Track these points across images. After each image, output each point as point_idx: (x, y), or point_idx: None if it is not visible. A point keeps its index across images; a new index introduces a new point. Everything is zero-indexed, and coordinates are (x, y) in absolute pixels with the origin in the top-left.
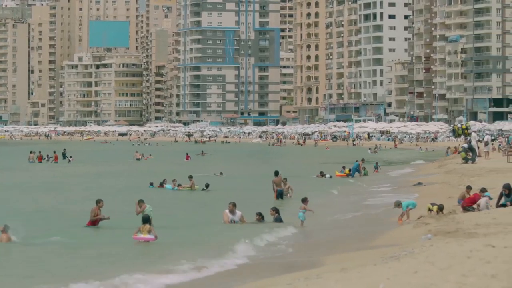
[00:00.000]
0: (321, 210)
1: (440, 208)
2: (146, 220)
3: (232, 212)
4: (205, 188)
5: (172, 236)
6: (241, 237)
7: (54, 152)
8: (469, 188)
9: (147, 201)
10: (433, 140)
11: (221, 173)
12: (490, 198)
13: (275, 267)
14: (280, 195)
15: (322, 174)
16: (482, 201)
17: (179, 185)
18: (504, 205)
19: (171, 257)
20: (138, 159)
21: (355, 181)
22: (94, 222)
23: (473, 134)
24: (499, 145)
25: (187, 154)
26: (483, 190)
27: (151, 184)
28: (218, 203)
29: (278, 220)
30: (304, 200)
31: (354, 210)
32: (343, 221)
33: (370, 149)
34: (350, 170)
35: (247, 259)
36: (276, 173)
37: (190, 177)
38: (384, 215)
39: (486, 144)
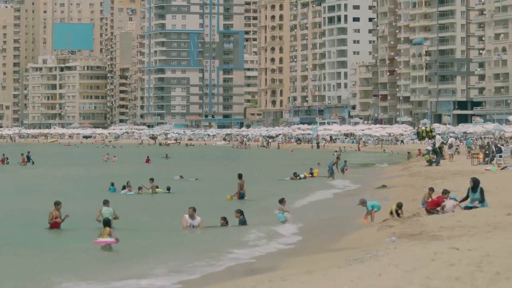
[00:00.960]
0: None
1: (399, 206)
2: (106, 223)
3: (191, 217)
4: (167, 191)
5: (130, 241)
6: (203, 242)
7: (22, 154)
8: (431, 190)
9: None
10: (401, 142)
11: (181, 176)
12: (456, 200)
13: (239, 270)
14: (242, 197)
15: (295, 175)
16: (449, 204)
17: (139, 188)
18: (469, 207)
19: (125, 263)
20: (105, 161)
21: (319, 182)
22: (55, 225)
23: (438, 137)
24: (456, 148)
25: (147, 157)
26: (445, 192)
27: (112, 185)
28: (179, 207)
29: (242, 222)
30: (282, 201)
31: (318, 212)
32: (307, 223)
33: (336, 151)
34: (329, 170)
35: (210, 263)
36: (240, 176)
37: (151, 179)
38: (348, 217)
39: (450, 146)
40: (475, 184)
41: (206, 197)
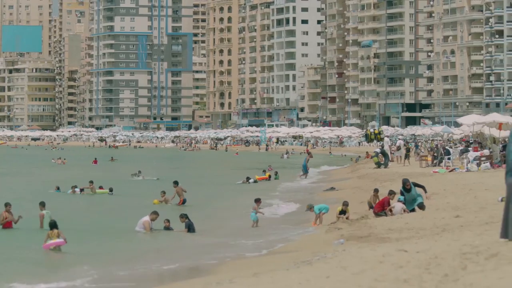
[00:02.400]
0: (231, 213)
1: (345, 205)
2: (53, 225)
3: (153, 220)
4: (109, 192)
5: (75, 244)
6: (149, 244)
7: None
8: (376, 191)
9: (49, 206)
10: (341, 144)
11: (139, 172)
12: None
13: (184, 272)
14: (184, 203)
15: (247, 179)
16: (398, 206)
17: (82, 190)
18: (412, 210)
19: (67, 266)
20: (54, 162)
21: (270, 184)
22: (8, 225)
23: (386, 139)
24: (408, 150)
25: (95, 159)
26: (391, 192)
27: (58, 188)
28: (121, 209)
29: (188, 225)
30: (257, 201)
31: (267, 214)
32: (256, 226)
33: (286, 153)
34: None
35: (155, 266)
36: (176, 183)
37: (91, 182)
38: (295, 219)
39: (398, 149)
40: (404, 184)
41: (144, 201)
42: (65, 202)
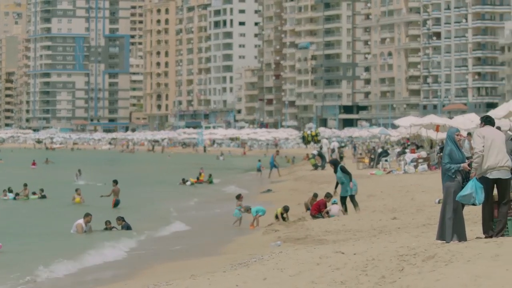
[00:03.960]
0: (168, 215)
1: (285, 209)
2: None
3: (87, 223)
4: (40, 196)
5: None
6: (85, 247)
7: None
8: (315, 196)
9: None
10: (276, 146)
11: (79, 171)
12: (337, 204)
13: (122, 274)
14: (117, 204)
15: (184, 181)
16: (334, 209)
17: (17, 194)
18: (344, 197)
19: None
20: None
21: (207, 187)
22: None
23: (325, 141)
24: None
25: (33, 161)
26: (328, 195)
27: None
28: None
29: (126, 227)
30: (238, 197)
31: (204, 217)
32: (193, 228)
33: (222, 155)
34: (260, 169)
35: (90, 268)
36: (115, 182)
37: (25, 185)
38: (232, 221)
39: (333, 151)
40: (335, 165)
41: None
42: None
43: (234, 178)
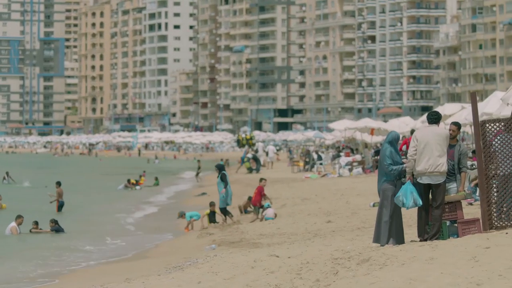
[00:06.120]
0: (104, 218)
1: (211, 204)
2: None
3: (20, 225)
4: None
5: None
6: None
7: None
8: (249, 199)
9: None
10: (207, 149)
11: (7, 173)
12: (271, 207)
13: (53, 276)
14: (61, 206)
15: (129, 182)
16: (269, 212)
17: None
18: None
19: None
20: None
21: (147, 191)
22: None
23: (261, 144)
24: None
25: None
26: (261, 180)
27: None
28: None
29: (56, 229)
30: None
31: (142, 219)
32: (129, 230)
33: (157, 158)
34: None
35: (20, 270)
36: (58, 184)
37: None
38: (168, 224)
39: (267, 154)
40: (219, 170)
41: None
42: None
43: (174, 180)
